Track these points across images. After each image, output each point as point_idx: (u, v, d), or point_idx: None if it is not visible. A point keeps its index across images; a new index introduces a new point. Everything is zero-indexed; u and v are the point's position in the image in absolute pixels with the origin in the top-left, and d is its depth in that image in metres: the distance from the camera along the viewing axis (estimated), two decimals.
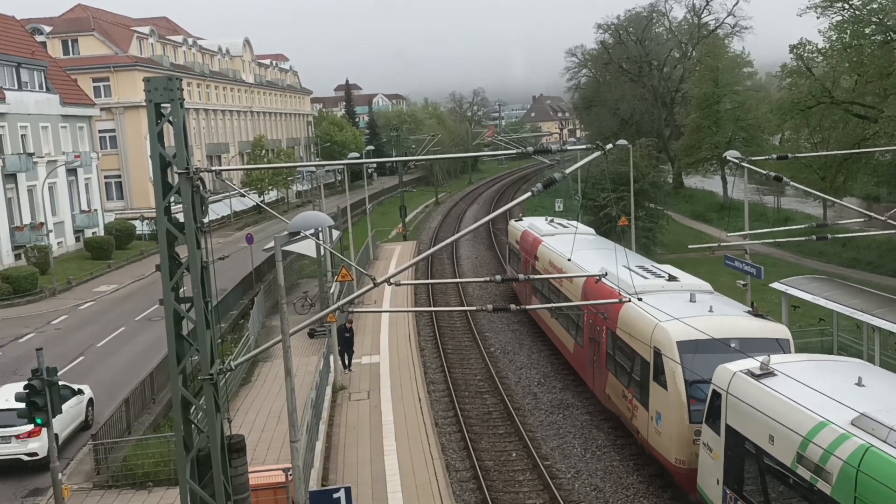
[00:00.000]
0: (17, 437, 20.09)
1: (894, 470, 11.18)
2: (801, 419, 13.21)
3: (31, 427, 18.85)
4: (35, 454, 20.23)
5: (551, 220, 39.93)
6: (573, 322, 27.23)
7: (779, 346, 18.18)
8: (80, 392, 23.36)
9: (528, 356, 31.85)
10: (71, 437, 22.29)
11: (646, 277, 22.74)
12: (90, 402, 23.85)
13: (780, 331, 19.11)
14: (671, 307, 18.79)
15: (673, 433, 18.27)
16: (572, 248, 26.09)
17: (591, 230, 37.26)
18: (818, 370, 15.27)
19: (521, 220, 41.32)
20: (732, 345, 16.92)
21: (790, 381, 14.19)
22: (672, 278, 22.91)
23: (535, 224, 38.05)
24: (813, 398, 13.34)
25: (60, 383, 16.89)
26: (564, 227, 36.84)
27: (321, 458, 20.48)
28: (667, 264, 26.64)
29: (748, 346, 16.91)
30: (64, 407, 17.95)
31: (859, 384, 13.77)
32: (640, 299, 17.87)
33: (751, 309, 20.54)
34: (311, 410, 19.89)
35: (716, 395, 16.03)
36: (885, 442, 11.70)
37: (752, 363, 15.26)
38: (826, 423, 12.64)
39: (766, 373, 14.86)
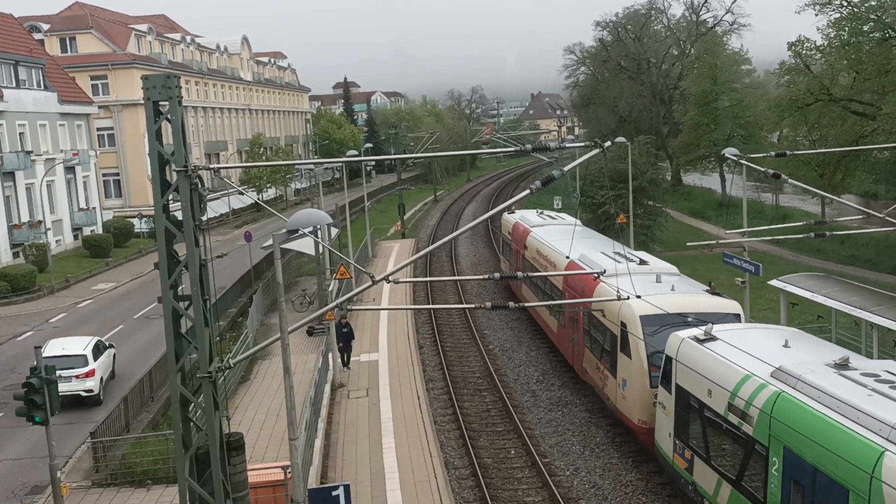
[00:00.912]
0: (77, 377, 24.88)
1: (798, 409, 13.52)
2: (731, 374, 15.53)
3: (87, 369, 25.19)
4: (91, 391, 25.27)
5: (541, 213, 41.93)
6: (541, 289, 29.55)
7: (731, 319, 20.31)
8: (111, 346, 28.32)
9: (527, 354, 31.87)
10: (106, 382, 26.65)
11: (618, 261, 24.21)
12: (114, 356, 28.24)
13: (732, 306, 21.33)
14: (638, 287, 20.01)
15: (636, 397, 20.55)
16: (557, 238, 28.97)
17: (577, 221, 39.06)
18: (753, 335, 17.56)
19: (513, 212, 43.16)
20: (689, 319, 19.06)
21: (727, 345, 16.50)
22: (642, 262, 25.18)
23: (525, 216, 40.00)
24: (743, 357, 15.77)
25: (95, 339, 26.27)
26: (553, 218, 39.26)
27: (320, 455, 20.49)
28: (642, 251, 28.50)
29: (704, 320, 18.78)
30: (102, 357, 26.06)
31: (785, 346, 16.07)
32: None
33: (709, 288, 22.90)
34: (310, 408, 19.89)
35: (668, 360, 18.21)
36: (794, 389, 13.99)
37: (698, 331, 17.50)
38: (750, 376, 15.01)
39: (708, 338, 17.08)
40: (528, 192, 12.12)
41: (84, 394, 25.10)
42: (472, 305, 15.58)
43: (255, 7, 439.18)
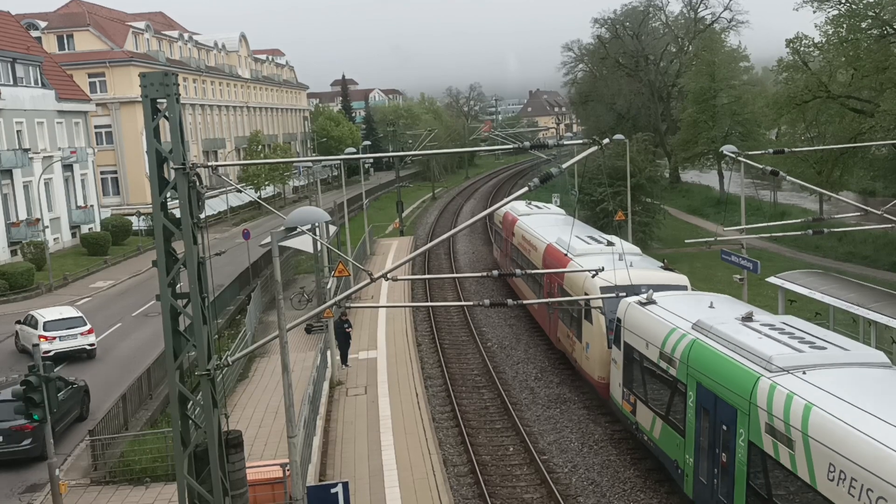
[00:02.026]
0: (82, 334, 29.60)
1: (706, 351, 16.67)
2: (662, 329, 18.71)
3: (87, 327, 29.94)
4: (93, 345, 30.02)
5: (529, 203, 44.32)
6: (537, 283, 32.81)
7: (679, 290, 23.34)
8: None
9: (525, 351, 31.89)
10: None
11: (589, 243, 28.57)
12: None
13: (680, 279, 24.82)
14: (602, 264, 22.26)
15: (597, 357, 23.89)
16: (540, 225, 33.66)
17: (562, 211, 43.06)
18: (685, 299, 20.85)
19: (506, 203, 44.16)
20: (643, 290, 21.64)
21: (662, 307, 19.69)
22: (610, 244, 28.33)
23: (514, 206, 42.70)
24: (673, 316, 18.81)
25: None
26: (539, 208, 42.80)
27: (319, 453, 20.49)
28: (613, 235, 31.36)
29: (655, 291, 21.46)
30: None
31: (710, 307, 19.22)
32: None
33: (663, 264, 26.69)
34: (309, 406, 19.89)
35: (617, 322, 21.65)
36: (705, 336, 17.10)
37: (642, 297, 20.57)
38: (675, 329, 18.14)
39: (649, 302, 20.21)
40: (526, 189, 12.11)
41: (88, 347, 29.75)
42: (471, 303, 15.64)
43: (252, 4, 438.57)
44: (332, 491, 13.73)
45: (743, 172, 30.03)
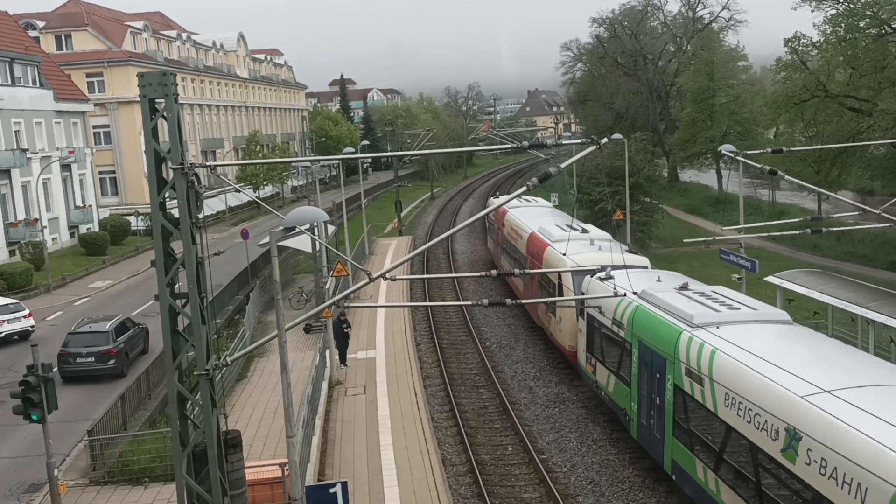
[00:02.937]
0: (24, 317, 33.50)
1: (646, 314, 19.92)
2: (614, 299, 21.12)
3: (28, 312, 33.98)
4: (33, 326, 33.77)
5: (522, 196, 45.16)
6: (523, 268, 35.05)
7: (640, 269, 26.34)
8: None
9: (524, 350, 31.90)
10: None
11: (566, 231, 31.41)
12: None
13: (641, 260, 28.41)
14: (575, 248, 28.24)
15: (567, 329, 27.28)
16: (526, 216, 37.26)
17: (548, 204, 46.19)
18: (638, 275, 23.81)
19: (497, 197, 52.19)
20: (608, 269, 23.55)
21: (620, 280, 21.34)
22: (584, 231, 32.34)
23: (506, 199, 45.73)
24: (624, 287, 20.30)
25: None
26: (528, 202, 45.25)
27: (317, 453, 20.49)
28: (594, 227, 34.55)
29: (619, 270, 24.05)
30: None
31: (658, 280, 22.58)
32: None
33: (628, 248, 30.80)
34: (308, 405, 19.89)
35: (580, 293, 25.17)
36: (646, 302, 20.26)
37: (602, 273, 22.87)
38: (624, 298, 20.64)
39: (607, 277, 22.23)
40: (525, 188, 12.11)
41: (30, 329, 33.38)
42: (470, 302, 15.63)
43: (251, 4, 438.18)
44: (331, 491, 13.73)
45: (741, 172, 30.05)
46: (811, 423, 12.78)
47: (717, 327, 17.24)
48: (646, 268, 27.20)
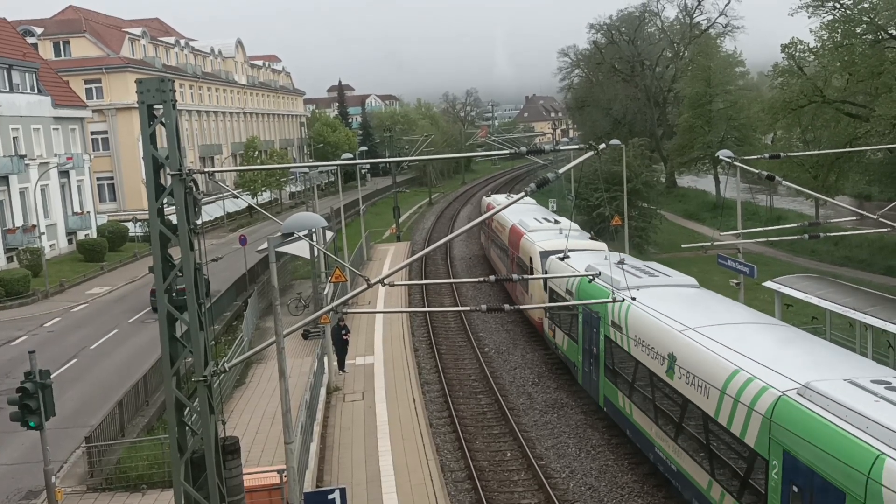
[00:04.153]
0: None
1: (589, 286, 23.77)
2: (568, 273, 26.12)
3: None
4: None
5: (509, 195, 55.49)
6: (507, 255, 40.94)
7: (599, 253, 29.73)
8: None
9: (522, 356, 31.88)
10: None
11: (541, 223, 37.89)
12: None
13: (600, 245, 33.03)
14: (545, 236, 34.62)
15: (537, 303, 31.34)
16: (511, 212, 40.55)
17: (534, 201, 49.25)
18: (590, 255, 28.24)
19: (489, 196, 61.69)
20: (569, 253, 27.06)
21: (574, 260, 25.98)
22: (556, 222, 37.91)
23: (496, 198, 56.00)
24: (576, 265, 25.69)
25: None
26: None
27: (316, 459, 20.45)
28: (564, 217, 39.83)
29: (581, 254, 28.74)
30: None
31: (605, 259, 25.67)
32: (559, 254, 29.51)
33: (591, 235, 36.33)
34: (306, 412, 19.86)
35: (544, 272, 30.36)
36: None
37: (560, 254, 27.39)
38: (577, 275, 24.68)
39: (565, 257, 25.43)
40: (523, 194, 12.13)
41: None
42: (468, 308, 15.61)
43: (249, 11, 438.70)
44: (330, 497, 13.71)
45: (739, 177, 30.07)
46: (681, 348, 17.67)
47: (638, 290, 21.17)
48: (602, 251, 30.94)
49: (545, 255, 31.49)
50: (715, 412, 15.66)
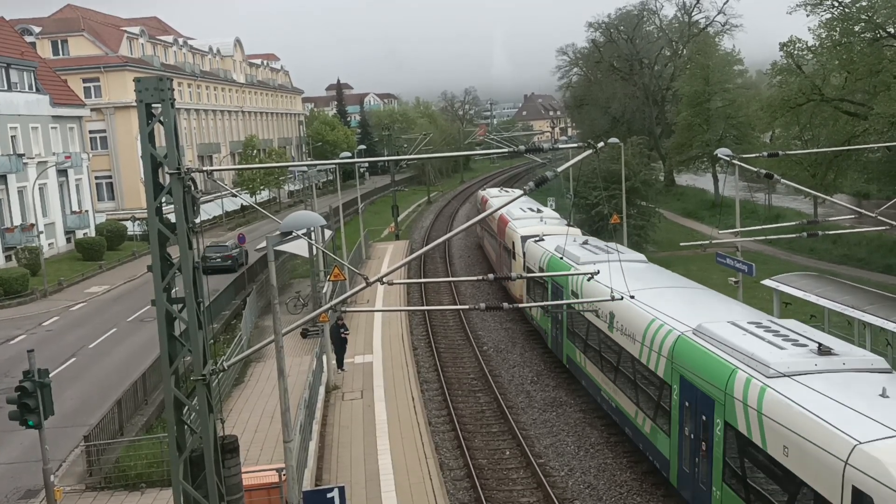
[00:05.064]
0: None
1: (556, 261, 28.57)
2: (541, 252, 31.52)
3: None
4: None
5: (502, 188, 62.31)
6: (496, 241, 44.60)
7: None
8: None
9: (521, 354, 31.90)
10: None
11: (525, 212, 41.86)
12: None
13: (575, 231, 35.74)
14: (526, 223, 38.84)
15: (518, 282, 35.25)
16: (501, 203, 41.05)
17: (521, 192, 52.60)
18: (561, 238, 30.49)
19: (485, 189, 65.60)
20: (543, 236, 33.63)
21: (546, 242, 31.69)
22: (539, 211, 42.56)
23: (489, 191, 60.91)
24: (548, 246, 31.11)
25: None
26: (508, 192, 56.44)
27: (315, 457, 20.45)
28: (548, 209, 45.69)
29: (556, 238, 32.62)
30: None
31: (574, 241, 29.23)
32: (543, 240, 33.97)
33: (567, 222, 39.39)
34: (305, 410, 19.86)
35: (523, 253, 35.05)
36: (557, 253, 28.20)
37: (535, 237, 33.97)
38: (546, 252, 30.84)
39: (539, 239, 32.11)
40: (521, 193, 12.15)
41: None
42: (467, 306, 15.63)
43: (247, 9, 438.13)
44: (329, 496, 13.71)
45: (737, 175, 30.08)
46: (619, 309, 21.05)
47: (594, 264, 23.03)
48: (578, 233, 35.22)
49: (525, 239, 35.70)
50: (639, 353, 19.82)
